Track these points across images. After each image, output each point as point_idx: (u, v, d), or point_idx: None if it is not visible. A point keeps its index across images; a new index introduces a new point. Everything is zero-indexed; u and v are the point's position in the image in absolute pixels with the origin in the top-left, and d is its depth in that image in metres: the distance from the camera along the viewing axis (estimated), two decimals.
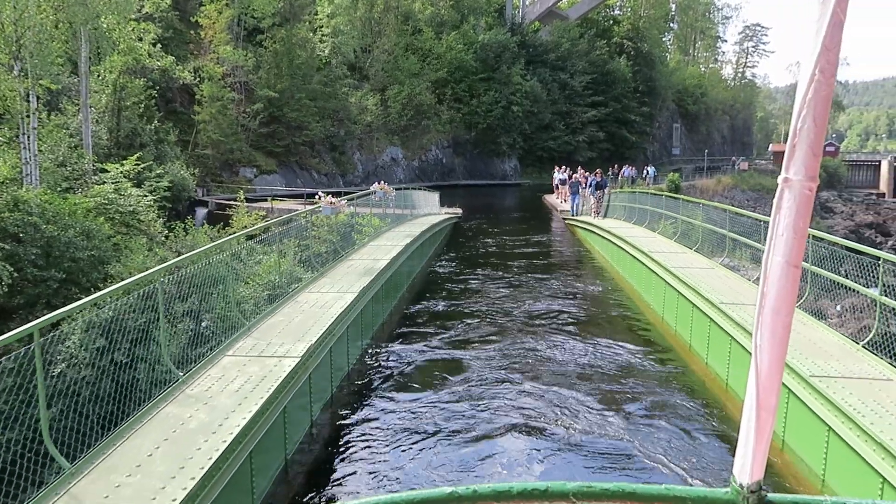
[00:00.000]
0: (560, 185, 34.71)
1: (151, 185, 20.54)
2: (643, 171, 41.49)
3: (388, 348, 10.82)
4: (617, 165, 42.06)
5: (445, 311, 13.44)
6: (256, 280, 9.77)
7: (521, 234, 26.05)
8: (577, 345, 10.95)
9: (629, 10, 76.52)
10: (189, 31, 39.80)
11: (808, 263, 8.68)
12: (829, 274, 8.34)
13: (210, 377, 6.43)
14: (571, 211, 27.45)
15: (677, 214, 16.37)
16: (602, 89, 62.32)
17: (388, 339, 11.47)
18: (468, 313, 13.07)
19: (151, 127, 28.39)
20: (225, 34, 38.81)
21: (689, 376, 9.66)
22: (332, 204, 13.53)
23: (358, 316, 10.06)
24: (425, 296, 14.87)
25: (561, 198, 33.38)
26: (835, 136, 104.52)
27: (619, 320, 13.09)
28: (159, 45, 27.96)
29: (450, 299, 14.52)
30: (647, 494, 1.21)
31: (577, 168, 37.08)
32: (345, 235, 14.33)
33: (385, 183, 19.56)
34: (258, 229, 10.79)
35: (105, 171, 18.35)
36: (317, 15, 46.38)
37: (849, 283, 7.97)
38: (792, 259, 1.16)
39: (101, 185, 17.31)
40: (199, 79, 35.27)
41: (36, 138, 17.21)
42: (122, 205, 16.16)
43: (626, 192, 25.01)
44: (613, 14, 76.02)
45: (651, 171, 40.79)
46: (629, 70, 64.26)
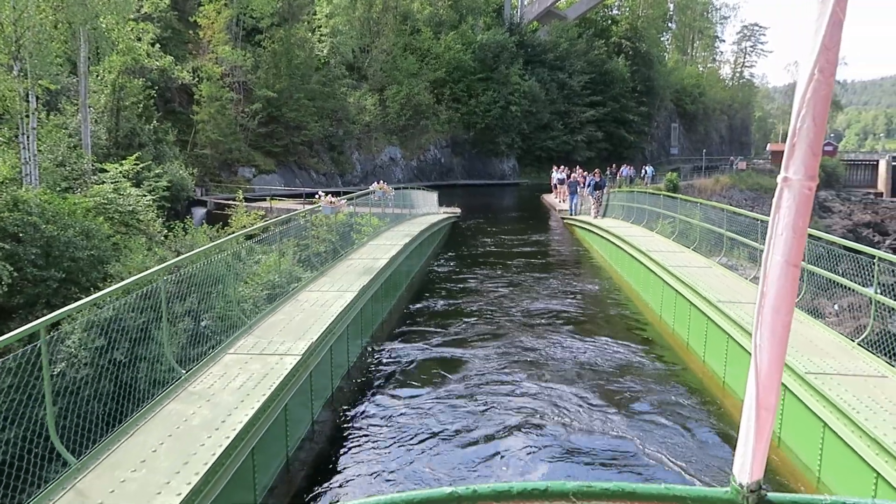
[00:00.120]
0: (558, 185, 34.78)
1: (150, 185, 20.59)
2: (641, 170, 41.58)
3: (387, 347, 10.88)
4: (615, 165, 42.13)
5: (444, 310, 13.50)
6: (256, 280, 9.82)
7: (519, 234, 26.12)
8: (576, 343, 11.01)
9: (627, 9, 76.60)
10: (188, 31, 39.83)
11: (804, 262, 8.75)
12: (824, 272, 8.41)
13: (212, 375, 6.48)
14: (570, 210, 27.53)
15: (675, 214, 16.43)
16: (600, 89, 62.40)
17: (388, 337, 11.53)
18: (467, 312, 13.13)
19: (150, 127, 28.41)
20: (223, 34, 38.82)
21: (687, 374, 9.73)
22: (331, 203, 13.58)
23: (358, 314, 10.12)
24: (424, 295, 14.93)
25: (559, 197, 33.44)
26: (833, 135, 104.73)
27: (617, 319, 13.16)
28: (158, 45, 27.95)
29: (449, 298, 14.58)
30: (646, 494, 1.21)
31: (575, 168, 37.17)
32: (344, 235, 14.38)
33: (384, 182, 19.61)
34: (257, 229, 10.84)
35: (104, 171, 18.39)
36: (315, 15, 46.42)
37: (844, 281, 8.04)
38: (791, 258, 1.15)
39: (100, 184, 17.34)
40: (197, 79, 35.28)
41: (35, 138, 17.23)
42: (122, 204, 16.20)
43: (624, 191, 25.09)
44: (612, 14, 76.14)
45: (649, 171, 40.88)
46: (627, 70, 64.34)
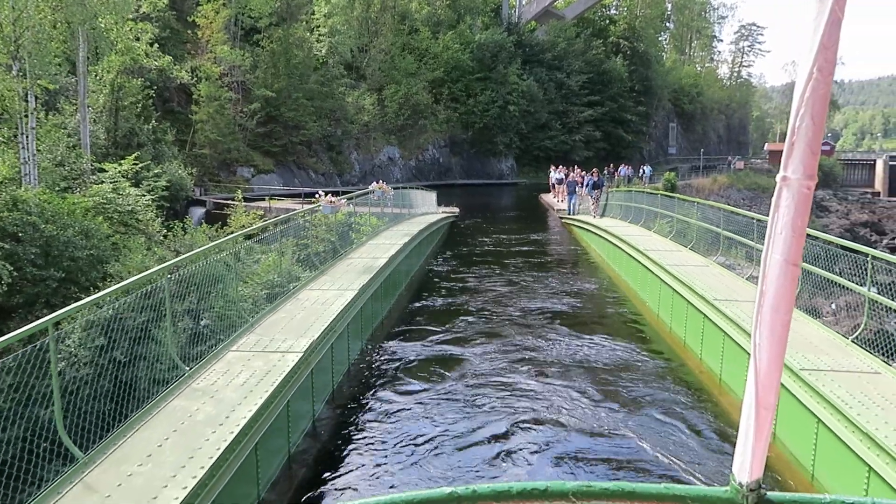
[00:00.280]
0: (557, 185, 34.90)
1: (149, 185, 20.65)
2: (640, 170, 41.72)
3: (387, 345, 10.96)
4: (613, 165, 42.25)
5: (443, 309, 13.59)
6: (255, 279, 9.89)
7: (517, 233, 26.21)
8: (574, 342, 11.10)
9: (625, 9, 76.79)
10: (186, 30, 39.86)
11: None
12: (820, 271, 8.51)
13: (215, 371, 6.56)
14: (568, 210, 27.64)
15: (673, 213, 16.52)
16: (598, 89, 62.53)
17: (388, 335, 11.60)
18: (466, 311, 13.22)
19: (149, 127, 28.46)
20: (222, 34, 38.85)
21: (684, 371, 9.83)
22: (332, 203, 13.65)
23: (358, 313, 10.20)
24: (424, 294, 15.02)
25: (558, 197, 33.56)
26: (830, 135, 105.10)
27: (615, 317, 13.26)
28: (157, 44, 27.95)
29: (448, 297, 14.67)
30: (646, 493, 1.21)
31: (573, 167, 37.27)
32: (342, 234, 14.46)
33: (383, 182, 19.68)
34: (256, 229, 10.90)
35: (103, 171, 18.43)
36: (313, 14, 46.46)
37: (839, 279, 8.13)
38: (791, 257, 1.15)
39: (99, 184, 17.39)
40: (196, 78, 35.32)
41: (34, 138, 17.26)
42: (121, 204, 16.25)
43: (622, 191, 25.19)
44: (610, 14, 76.28)
45: (647, 171, 41.03)
46: (625, 69, 64.47)
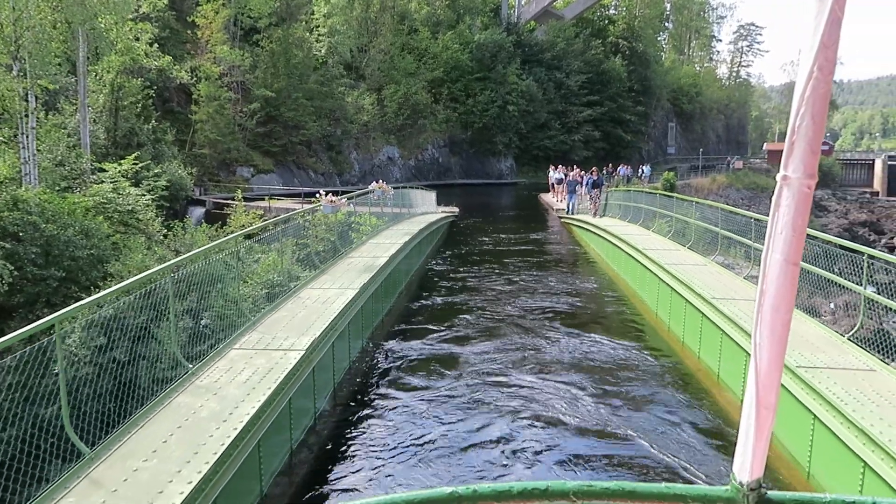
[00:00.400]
0: (556, 184, 34.97)
1: (149, 185, 20.71)
2: (639, 169, 41.81)
3: (388, 343, 11.03)
4: (612, 164, 42.33)
5: (443, 308, 13.65)
6: (255, 279, 9.95)
7: (517, 233, 26.29)
8: (573, 340, 11.17)
9: (624, 9, 76.89)
10: (186, 30, 39.89)
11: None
12: (817, 270, 8.58)
13: (219, 369, 6.63)
14: (567, 209, 27.71)
15: (672, 213, 16.60)
16: (597, 88, 62.60)
17: (388, 334, 11.67)
18: (465, 310, 13.29)
19: (149, 126, 28.50)
20: (221, 34, 38.90)
21: (682, 370, 9.90)
22: (332, 202, 13.71)
23: (359, 312, 10.26)
24: (423, 293, 15.09)
25: (557, 197, 33.62)
26: (829, 134, 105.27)
27: (613, 316, 13.33)
28: (156, 44, 28.02)
29: (448, 296, 14.74)
30: (647, 493, 1.21)
31: (572, 167, 37.33)
32: (342, 234, 14.52)
33: (383, 182, 19.75)
34: (256, 229, 10.96)
35: (103, 171, 18.50)
36: (313, 14, 46.52)
37: (835, 278, 8.21)
38: (791, 257, 1.15)
39: (99, 184, 17.46)
40: (196, 78, 35.36)
41: (34, 138, 17.32)
42: (121, 204, 16.32)
43: (621, 190, 25.26)
44: (609, 14, 76.36)
45: (646, 170, 41.11)
46: (624, 69, 64.54)
